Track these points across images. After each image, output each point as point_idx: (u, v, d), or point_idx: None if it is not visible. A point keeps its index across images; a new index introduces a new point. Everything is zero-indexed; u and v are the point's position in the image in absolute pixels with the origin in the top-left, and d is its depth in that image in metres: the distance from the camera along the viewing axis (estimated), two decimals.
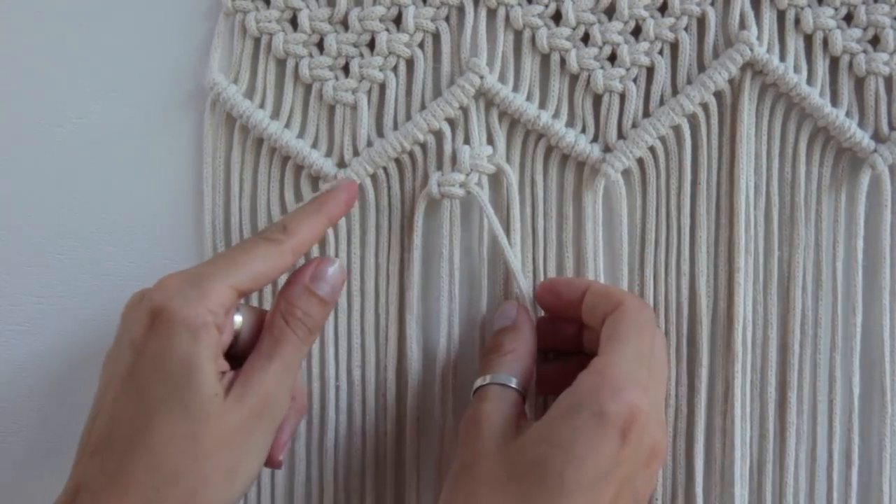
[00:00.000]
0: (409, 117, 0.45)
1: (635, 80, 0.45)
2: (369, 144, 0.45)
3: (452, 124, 0.45)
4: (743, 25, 0.44)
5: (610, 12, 0.44)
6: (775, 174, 0.45)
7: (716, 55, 0.44)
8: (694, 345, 0.45)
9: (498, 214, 0.45)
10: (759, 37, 0.44)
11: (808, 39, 0.44)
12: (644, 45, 0.44)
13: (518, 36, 0.45)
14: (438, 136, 0.45)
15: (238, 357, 0.38)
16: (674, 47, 0.44)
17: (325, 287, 0.39)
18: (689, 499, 0.45)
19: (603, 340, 0.39)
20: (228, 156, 0.46)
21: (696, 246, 0.45)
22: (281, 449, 0.40)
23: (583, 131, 0.45)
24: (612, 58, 0.45)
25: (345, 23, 0.45)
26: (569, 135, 0.45)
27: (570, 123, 0.45)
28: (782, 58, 0.44)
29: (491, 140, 0.45)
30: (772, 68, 0.44)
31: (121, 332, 0.38)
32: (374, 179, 0.45)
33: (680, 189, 0.45)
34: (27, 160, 0.47)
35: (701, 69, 0.44)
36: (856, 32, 0.44)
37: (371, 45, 0.45)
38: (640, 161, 0.45)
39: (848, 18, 0.44)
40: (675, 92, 0.45)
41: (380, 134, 0.45)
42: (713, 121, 0.45)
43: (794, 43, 0.44)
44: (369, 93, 0.45)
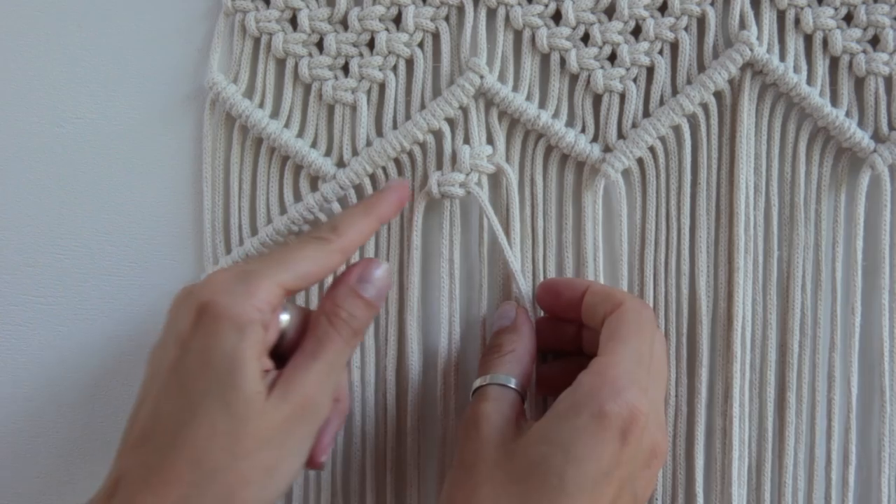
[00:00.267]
0: (409, 117, 0.45)
1: (635, 80, 0.45)
2: (368, 144, 0.45)
3: (452, 124, 0.45)
4: (743, 25, 0.44)
5: (610, 12, 0.44)
6: (775, 174, 0.45)
7: (716, 55, 0.44)
8: (694, 345, 0.45)
9: (497, 214, 0.45)
10: (759, 37, 0.44)
11: (808, 39, 0.44)
12: (644, 45, 0.44)
13: (518, 36, 0.45)
14: (438, 136, 0.45)
15: (283, 356, 0.38)
16: (674, 47, 0.44)
17: (371, 289, 0.39)
18: (689, 499, 0.45)
19: (603, 341, 0.39)
20: (228, 155, 0.46)
21: (696, 246, 0.45)
22: (323, 450, 0.39)
23: (583, 131, 0.45)
24: (612, 58, 0.45)
25: (344, 22, 0.45)
26: (569, 135, 0.45)
27: (570, 123, 0.45)
28: (782, 58, 0.44)
29: (491, 140, 0.45)
30: (772, 68, 0.44)
31: (167, 327, 0.37)
32: (374, 179, 0.45)
33: (680, 189, 0.45)
34: (27, 160, 0.47)
35: (701, 69, 0.44)
36: (856, 32, 0.44)
37: (371, 45, 0.45)
38: (640, 161, 0.45)
39: (848, 18, 0.44)
40: (675, 92, 0.45)
41: (379, 133, 0.45)
42: (713, 121, 0.45)
43: (794, 43, 0.44)
44: (369, 92, 0.45)
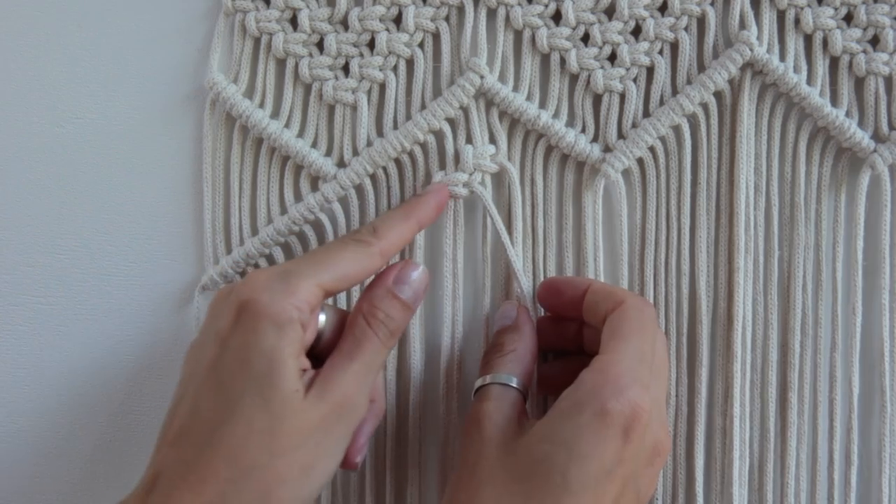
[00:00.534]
0: (409, 117, 0.45)
1: (635, 80, 0.45)
2: (369, 144, 0.45)
3: (453, 124, 0.45)
4: (743, 25, 0.44)
5: (610, 12, 0.44)
6: (775, 174, 0.45)
7: (716, 55, 0.44)
8: (694, 344, 0.45)
9: (500, 213, 0.45)
10: (759, 37, 0.44)
11: (808, 39, 0.44)
12: (644, 45, 0.44)
13: (518, 36, 0.45)
14: (438, 136, 0.45)
15: (319, 357, 0.38)
16: (674, 47, 0.44)
17: (408, 291, 0.40)
18: (690, 499, 0.45)
19: (604, 339, 0.39)
20: (228, 155, 0.46)
21: (696, 246, 0.45)
22: (358, 451, 0.40)
23: (583, 131, 0.45)
24: (612, 58, 0.45)
25: (345, 23, 0.45)
26: (569, 135, 0.45)
27: (570, 123, 0.45)
28: (782, 58, 0.44)
29: (493, 139, 0.45)
30: (772, 68, 0.44)
31: (206, 326, 0.38)
32: (374, 179, 0.45)
33: (680, 189, 0.45)
34: (27, 160, 0.47)
35: (701, 69, 0.44)
36: (856, 32, 0.44)
37: (371, 45, 0.45)
38: (640, 161, 0.45)
39: (848, 18, 0.44)
40: (675, 92, 0.45)
41: (380, 134, 0.45)
42: (713, 121, 0.45)
43: (794, 43, 0.44)
44: (369, 92, 0.45)
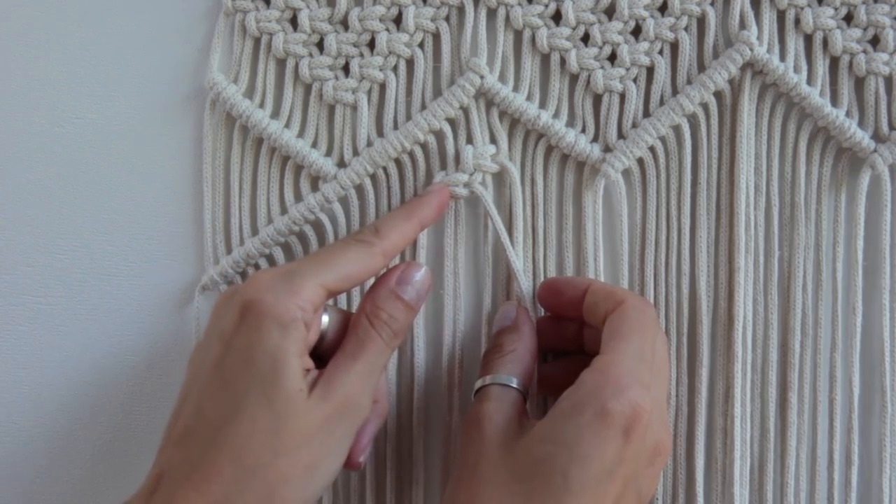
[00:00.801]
0: (410, 117, 0.45)
1: (635, 80, 0.45)
2: (369, 144, 0.45)
3: (453, 124, 0.45)
4: (743, 25, 0.44)
5: (610, 12, 0.44)
6: (775, 174, 0.45)
7: (716, 55, 0.44)
8: (694, 345, 0.45)
9: (500, 213, 0.45)
10: (759, 37, 0.44)
11: (808, 39, 0.44)
12: (644, 45, 0.44)
13: (518, 36, 0.45)
14: (439, 136, 0.45)
15: (322, 357, 0.38)
16: (674, 47, 0.44)
17: (411, 292, 0.40)
18: (690, 499, 0.45)
19: (605, 339, 0.39)
20: (228, 155, 0.46)
21: (696, 246, 0.45)
22: (361, 451, 0.40)
23: (583, 131, 0.45)
24: (612, 58, 0.45)
25: (345, 23, 0.45)
26: (569, 135, 0.45)
27: (571, 123, 0.45)
28: (782, 58, 0.44)
29: (493, 139, 0.45)
30: (772, 68, 0.44)
31: (211, 325, 0.38)
32: (374, 179, 0.45)
33: (680, 189, 0.45)
34: (27, 160, 0.47)
35: (701, 69, 0.44)
36: (856, 32, 0.44)
37: (371, 45, 0.45)
38: (641, 161, 0.45)
39: (848, 18, 0.44)
40: (675, 92, 0.45)
41: (380, 134, 0.45)
42: (713, 121, 0.45)
43: (794, 43, 0.44)
44: (369, 92, 0.45)
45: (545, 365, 0.45)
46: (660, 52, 0.44)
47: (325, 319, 0.39)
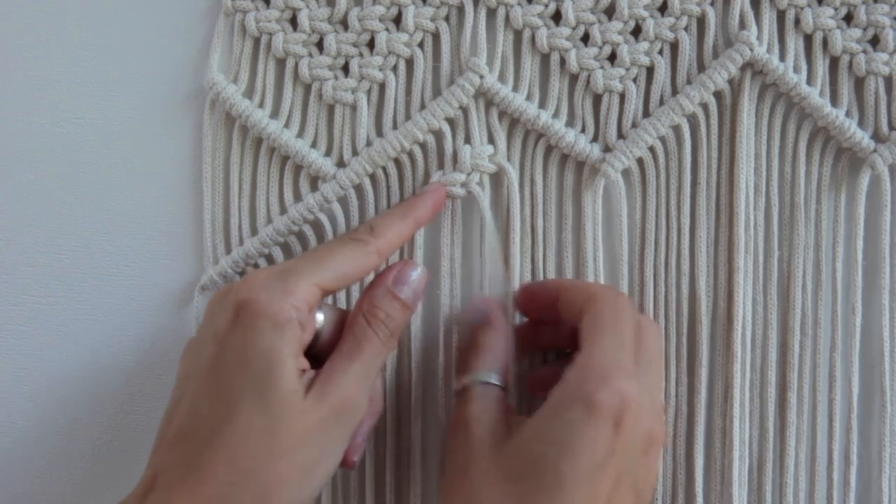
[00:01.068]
0: (409, 117, 0.45)
1: (635, 80, 0.45)
2: (368, 144, 0.45)
3: (452, 124, 0.45)
4: (743, 25, 0.44)
5: (610, 12, 0.44)
6: (775, 174, 0.45)
7: (716, 55, 0.44)
8: (693, 345, 0.45)
9: (498, 213, 0.45)
10: (759, 37, 0.44)
11: (808, 39, 0.44)
12: (644, 45, 0.44)
13: (518, 36, 0.45)
14: (438, 136, 0.45)
15: (317, 357, 0.38)
16: (674, 47, 0.44)
17: (408, 291, 0.40)
18: (689, 499, 0.45)
19: (583, 335, 0.38)
20: (228, 155, 0.46)
21: (696, 246, 0.45)
22: (356, 450, 0.40)
23: (582, 131, 0.45)
24: (612, 58, 0.45)
25: (344, 22, 0.45)
26: (568, 134, 0.45)
27: (570, 123, 0.45)
28: (782, 58, 0.44)
29: (492, 139, 0.45)
30: (772, 68, 0.44)
31: (204, 325, 0.38)
32: (374, 179, 0.45)
33: (680, 189, 0.45)
34: (27, 160, 0.47)
35: (701, 69, 0.44)
36: (856, 32, 0.44)
37: (371, 45, 0.45)
38: (640, 161, 0.45)
39: (848, 18, 0.44)
40: (675, 92, 0.44)
41: (379, 133, 0.45)
42: (713, 121, 0.45)
43: (794, 43, 0.44)
44: (369, 92, 0.45)
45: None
46: (660, 52, 0.44)
47: (321, 318, 0.39)
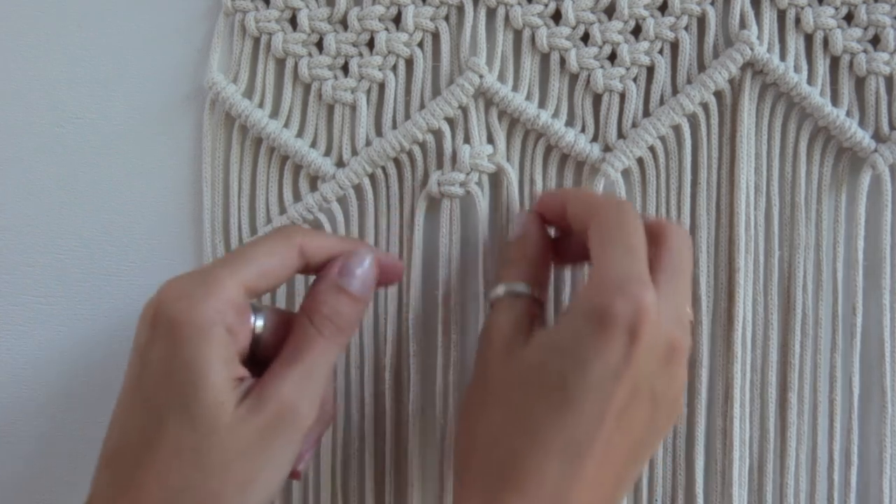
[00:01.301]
0: (409, 117, 0.45)
1: (635, 80, 0.44)
2: (368, 144, 0.45)
3: (452, 124, 0.45)
4: (743, 25, 0.44)
5: (610, 12, 0.44)
6: (775, 174, 0.45)
7: (716, 55, 0.44)
8: (694, 345, 0.45)
9: (498, 213, 0.45)
10: (760, 36, 0.43)
11: (809, 39, 0.44)
12: (644, 45, 0.44)
13: (518, 35, 0.45)
14: (438, 136, 0.45)
15: (264, 364, 0.36)
16: (674, 47, 0.44)
17: (356, 283, 0.37)
18: (689, 499, 0.45)
19: (592, 250, 0.37)
20: (227, 155, 0.46)
21: (697, 246, 0.45)
22: (300, 459, 0.38)
23: (582, 131, 0.45)
24: (612, 57, 0.45)
25: (344, 22, 0.45)
26: (568, 134, 0.44)
27: (570, 123, 0.45)
28: (782, 57, 0.44)
29: (491, 139, 0.45)
30: (772, 68, 0.43)
31: (134, 341, 0.35)
32: (373, 179, 0.45)
33: (680, 189, 0.45)
34: (27, 160, 0.47)
35: (701, 69, 0.44)
36: (856, 32, 0.43)
37: (370, 45, 0.45)
38: (640, 161, 0.45)
39: (848, 18, 0.44)
40: (675, 91, 0.44)
41: (379, 133, 0.45)
42: (713, 120, 0.44)
43: (795, 42, 0.44)
44: (368, 92, 0.45)
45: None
46: (660, 52, 0.44)
47: (259, 323, 0.36)
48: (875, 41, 0.44)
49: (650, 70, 0.44)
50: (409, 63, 0.45)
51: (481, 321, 0.45)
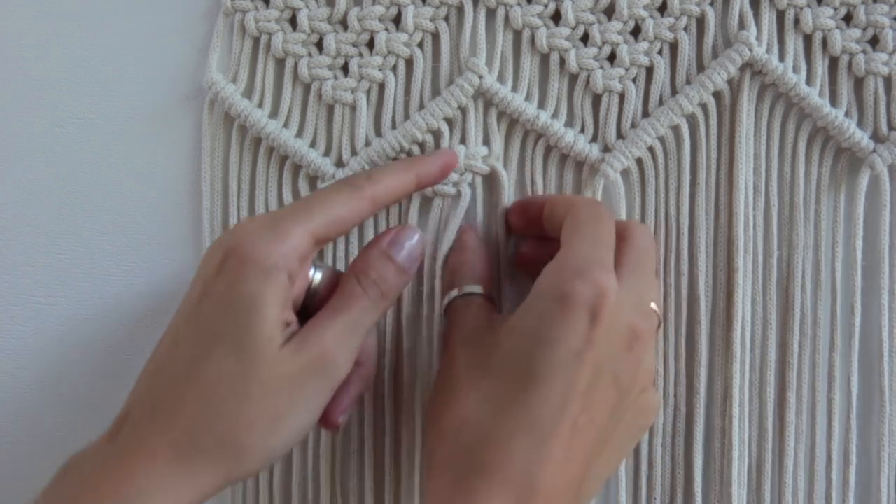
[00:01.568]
0: (408, 117, 0.45)
1: (634, 80, 0.45)
2: (368, 144, 0.45)
3: (451, 124, 0.45)
4: (742, 25, 0.44)
5: (609, 12, 0.44)
6: (774, 174, 0.45)
7: (715, 55, 0.44)
8: (693, 345, 0.45)
9: (493, 214, 0.45)
10: (759, 37, 0.44)
11: (808, 39, 0.44)
12: (643, 45, 0.44)
13: (517, 36, 0.45)
14: (437, 136, 0.45)
15: (310, 318, 0.38)
16: (673, 47, 0.44)
17: (403, 254, 0.39)
18: (688, 499, 0.45)
19: (562, 239, 0.38)
20: (227, 155, 0.46)
21: (696, 246, 0.45)
22: (341, 411, 0.39)
23: (582, 131, 0.45)
24: (612, 58, 0.45)
25: (344, 22, 0.45)
26: (568, 134, 0.45)
27: (570, 123, 0.45)
28: (781, 58, 0.44)
29: (487, 140, 0.45)
30: (771, 68, 0.44)
31: (196, 275, 0.37)
32: None
33: (679, 189, 0.45)
34: (27, 160, 0.47)
35: (700, 69, 0.44)
36: (855, 32, 0.44)
37: (370, 45, 0.45)
38: (639, 161, 0.45)
39: (847, 18, 0.44)
40: (675, 92, 0.45)
41: (378, 133, 0.45)
42: (712, 121, 0.45)
43: (794, 43, 0.44)
44: (368, 92, 0.45)
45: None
46: (659, 53, 0.44)
47: (317, 276, 0.38)
48: (874, 42, 0.44)
49: (649, 70, 0.44)
50: (409, 63, 0.45)
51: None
